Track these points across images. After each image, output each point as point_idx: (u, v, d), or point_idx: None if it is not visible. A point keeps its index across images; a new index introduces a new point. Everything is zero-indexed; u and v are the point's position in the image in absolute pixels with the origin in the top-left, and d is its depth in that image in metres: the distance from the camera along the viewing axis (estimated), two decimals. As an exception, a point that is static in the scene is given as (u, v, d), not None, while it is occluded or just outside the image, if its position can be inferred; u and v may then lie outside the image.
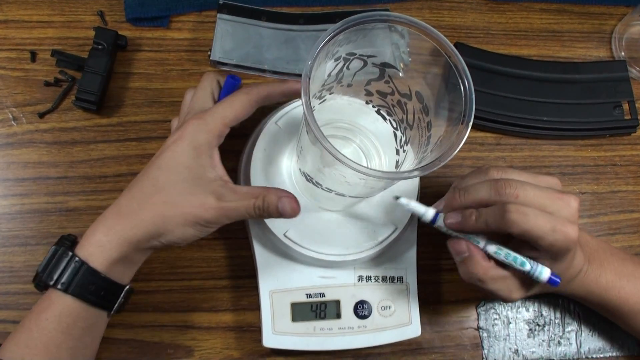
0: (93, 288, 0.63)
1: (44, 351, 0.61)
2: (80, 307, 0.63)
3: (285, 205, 0.65)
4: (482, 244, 0.66)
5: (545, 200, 0.64)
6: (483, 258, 0.67)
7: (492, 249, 0.66)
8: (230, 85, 0.70)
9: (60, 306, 0.62)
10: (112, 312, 0.67)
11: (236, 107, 0.67)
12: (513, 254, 0.66)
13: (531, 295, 0.71)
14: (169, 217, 0.64)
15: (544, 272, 0.65)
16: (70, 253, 0.63)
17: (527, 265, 0.65)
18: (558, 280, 0.66)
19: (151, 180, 0.65)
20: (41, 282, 0.64)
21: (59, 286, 0.62)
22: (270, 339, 0.75)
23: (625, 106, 0.95)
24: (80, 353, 0.65)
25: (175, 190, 0.64)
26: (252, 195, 0.65)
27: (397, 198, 0.68)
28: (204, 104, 0.70)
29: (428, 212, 0.68)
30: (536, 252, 0.65)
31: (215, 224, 0.66)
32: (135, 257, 0.67)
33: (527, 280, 0.67)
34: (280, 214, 0.65)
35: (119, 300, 0.66)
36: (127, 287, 0.67)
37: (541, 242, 0.62)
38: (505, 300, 0.69)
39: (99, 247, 0.63)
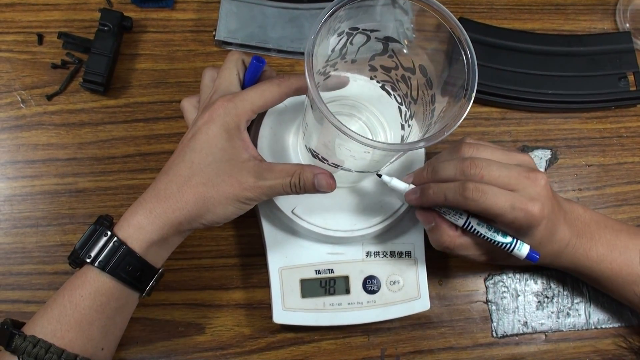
0: (130, 269, 0.64)
1: (76, 327, 0.62)
2: (115, 287, 0.64)
3: (321, 181, 0.65)
4: (462, 218, 0.68)
5: (510, 180, 0.66)
6: (449, 227, 0.69)
7: (473, 223, 0.67)
8: (255, 67, 0.70)
9: (95, 284, 0.63)
10: (144, 294, 0.68)
11: (266, 96, 0.67)
12: (493, 230, 0.67)
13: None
14: (210, 197, 0.64)
15: (523, 248, 0.67)
16: (109, 232, 0.64)
17: (507, 241, 0.67)
18: (537, 256, 0.67)
19: (187, 163, 0.65)
20: (77, 259, 0.65)
21: (96, 264, 0.63)
22: (281, 316, 0.76)
23: (631, 77, 0.95)
24: (110, 332, 0.65)
25: (213, 171, 0.64)
26: (288, 173, 0.65)
27: (379, 176, 0.70)
28: (230, 85, 0.70)
29: (407, 189, 0.70)
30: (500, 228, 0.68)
31: (254, 201, 0.67)
32: (173, 240, 0.68)
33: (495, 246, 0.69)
34: (316, 190, 0.66)
35: (152, 283, 0.67)
36: (160, 270, 0.68)
37: (501, 219, 0.65)
38: (476, 262, 0.72)
39: (139, 229, 0.64)
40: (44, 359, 0.59)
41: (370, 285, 0.78)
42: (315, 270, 0.77)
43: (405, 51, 0.67)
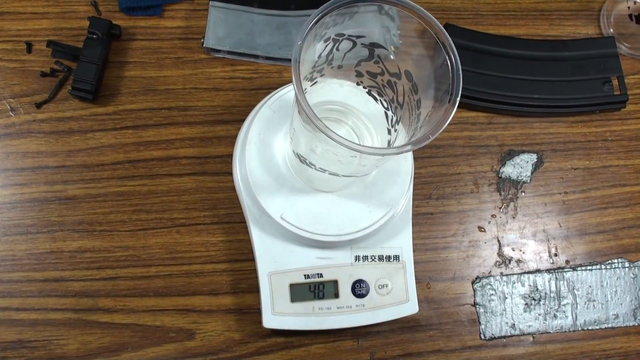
0: None
1: None
2: None
3: None
4: None
5: None
6: None
7: None
8: None
9: None
10: None
11: None
12: None
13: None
14: None
15: None
16: None
17: None
18: None
19: None
20: None
21: None
22: (270, 320, 0.76)
23: (615, 82, 0.96)
24: None
25: None
26: None
27: None
28: None
29: None
30: None
31: None
32: None
33: None
34: None
35: None
36: None
37: None
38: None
39: None
40: None
41: (359, 289, 0.78)
42: (305, 275, 0.78)
43: (391, 57, 0.67)
